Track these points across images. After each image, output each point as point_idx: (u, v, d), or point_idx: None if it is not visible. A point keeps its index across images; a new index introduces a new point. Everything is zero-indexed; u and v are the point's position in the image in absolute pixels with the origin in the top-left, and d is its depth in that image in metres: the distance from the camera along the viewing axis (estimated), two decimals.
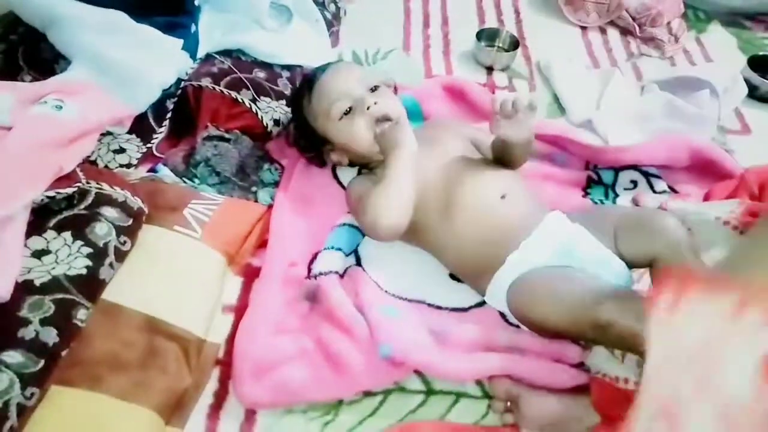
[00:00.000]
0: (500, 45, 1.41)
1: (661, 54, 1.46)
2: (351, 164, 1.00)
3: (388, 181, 0.86)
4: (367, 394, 0.79)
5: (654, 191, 1.06)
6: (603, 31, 1.52)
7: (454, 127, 1.04)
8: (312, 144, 1.00)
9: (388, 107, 0.92)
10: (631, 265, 0.82)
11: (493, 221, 0.85)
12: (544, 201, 0.92)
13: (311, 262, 0.91)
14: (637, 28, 1.49)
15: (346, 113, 0.93)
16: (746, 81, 1.29)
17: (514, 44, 1.38)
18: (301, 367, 0.78)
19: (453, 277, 0.92)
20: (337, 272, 0.89)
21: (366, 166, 1.00)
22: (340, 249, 0.92)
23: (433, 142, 0.95)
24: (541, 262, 0.82)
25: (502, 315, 0.87)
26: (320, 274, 0.88)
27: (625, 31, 1.52)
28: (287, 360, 0.78)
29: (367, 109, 0.91)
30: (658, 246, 0.79)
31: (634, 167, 1.08)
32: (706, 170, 1.07)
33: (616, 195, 1.05)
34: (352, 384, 0.78)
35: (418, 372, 0.81)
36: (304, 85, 0.99)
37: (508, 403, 0.78)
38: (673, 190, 1.06)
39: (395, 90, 1.05)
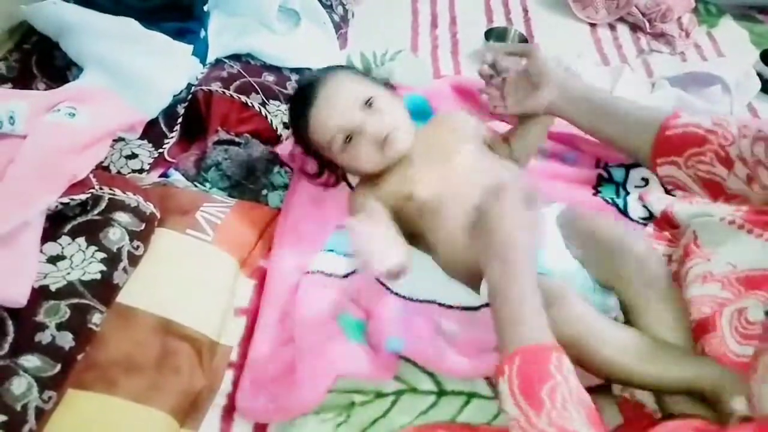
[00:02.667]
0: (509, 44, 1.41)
1: (671, 50, 1.45)
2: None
3: None
4: (379, 395, 0.79)
5: (666, 189, 1.05)
6: (612, 27, 1.51)
7: (462, 125, 0.99)
8: (324, 168, 0.98)
9: (389, 121, 0.89)
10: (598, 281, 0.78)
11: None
12: (552, 198, 0.91)
13: None
14: (647, 24, 1.48)
15: (347, 141, 0.89)
16: (759, 75, 1.27)
17: (523, 42, 1.38)
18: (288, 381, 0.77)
19: None
20: (331, 274, 0.88)
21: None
22: (333, 251, 0.92)
23: (441, 150, 0.92)
24: None
25: None
26: (308, 273, 0.88)
27: (635, 27, 1.51)
28: (288, 372, 0.78)
29: (368, 134, 0.87)
30: (622, 276, 0.74)
31: None
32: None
33: (627, 193, 1.05)
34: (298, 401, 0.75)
35: (428, 372, 0.81)
36: (298, 119, 0.93)
37: None
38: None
39: (392, 84, 1.05)
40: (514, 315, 0.62)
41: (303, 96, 0.92)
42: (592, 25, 1.51)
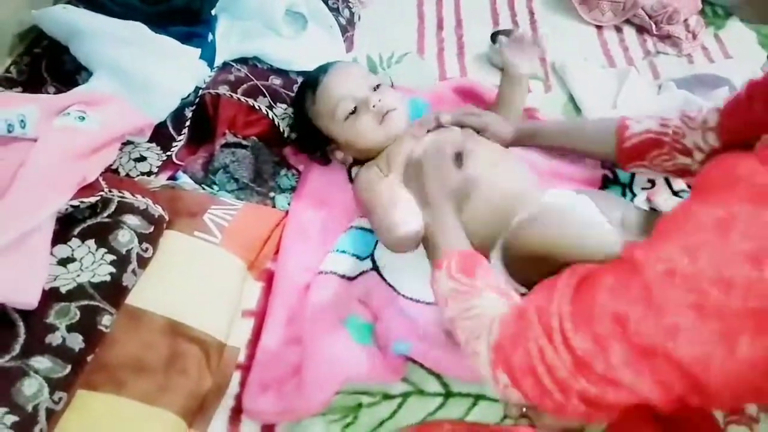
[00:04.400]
0: None
1: (678, 52, 1.44)
2: (355, 161, 1.02)
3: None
4: (386, 396, 0.80)
5: (672, 190, 1.05)
6: (619, 29, 1.51)
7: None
8: (316, 143, 1.02)
9: (391, 102, 0.96)
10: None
11: (497, 192, 0.86)
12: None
13: None
14: (654, 26, 1.47)
15: (352, 113, 0.95)
16: None
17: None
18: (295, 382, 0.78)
19: None
20: (342, 275, 0.89)
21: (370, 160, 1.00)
22: (345, 252, 0.93)
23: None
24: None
25: None
26: (320, 273, 0.89)
27: (642, 29, 1.50)
28: (295, 373, 0.79)
29: (372, 107, 0.94)
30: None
31: None
32: None
33: (634, 195, 1.05)
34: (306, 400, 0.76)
35: (435, 374, 0.81)
36: (306, 86, 1.01)
37: (524, 409, 0.78)
38: (691, 188, 1.05)
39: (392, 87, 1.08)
40: (443, 235, 0.75)
41: (315, 74, 1.01)
42: (599, 27, 1.51)
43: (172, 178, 0.99)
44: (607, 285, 0.51)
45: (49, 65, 1.06)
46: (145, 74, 0.99)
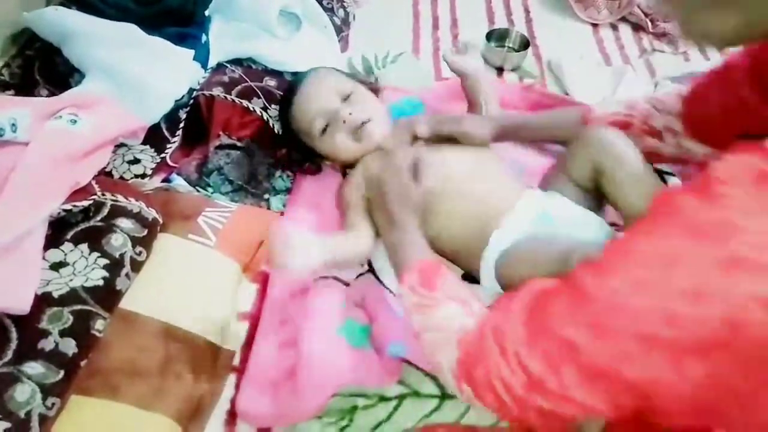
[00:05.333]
0: (510, 45, 1.40)
1: (674, 49, 1.44)
2: (345, 167, 1.02)
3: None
4: (382, 398, 0.79)
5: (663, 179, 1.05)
6: (614, 27, 1.51)
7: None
8: (305, 156, 1.02)
9: (365, 113, 0.95)
10: (586, 189, 0.86)
11: (477, 210, 0.86)
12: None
13: None
14: (650, 24, 1.47)
15: (325, 129, 0.95)
16: None
17: (525, 44, 1.37)
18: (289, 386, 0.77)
19: (465, 278, 0.92)
20: (339, 279, 0.89)
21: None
22: None
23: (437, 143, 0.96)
24: (523, 232, 0.82)
25: None
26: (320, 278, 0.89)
27: (638, 27, 1.50)
28: (289, 377, 0.78)
29: (344, 122, 0.93)
30: (596, 155, 0.82)
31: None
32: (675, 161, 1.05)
33: None
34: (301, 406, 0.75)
35: (432, 376, 0.81)
36: (284, 104, 1.02)
37: None
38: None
39: (377, 88, 1.08)
40: (408, 250, 0.78)
41: (290, 89, 1.01)
42: (594, 25, 1.50)
43: (166, 180, 0.99)
44: (557, 310, 0.53)
45: (42, 67, 1.05)
46: (138, 76, 0.98)
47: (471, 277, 0.92)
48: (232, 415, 0.78)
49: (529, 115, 1.11)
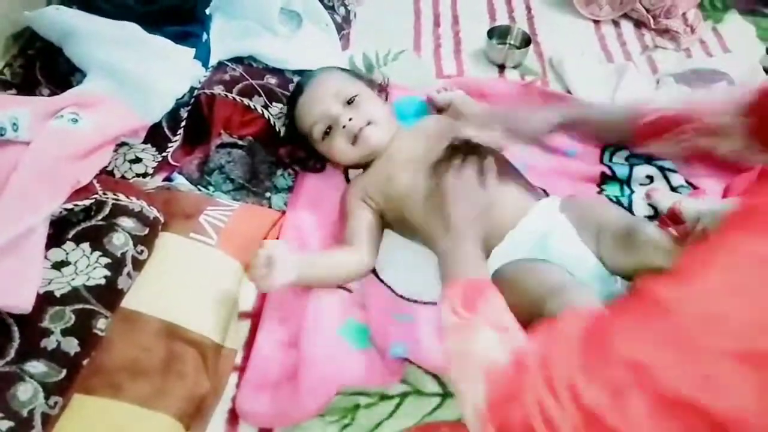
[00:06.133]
0: (512, 42, 1.40)
1: (676, 46, 1.44)
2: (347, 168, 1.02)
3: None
4: (384, 397, 0.79)
5: (671, 186, 1.04)
6: (616, 24, 1.50)
7: (445, 120, 1.03)
8: (310, 155, 1.02)
9: (366, 117, 0.94)
10: (614, 272, 0.80)
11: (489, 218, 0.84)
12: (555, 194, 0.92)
13: None
14: (652, 20, 1.47)
15: (326, 133, 0.95)
16: (765, 70, 1.26)
17: (526, 41, 1.37)
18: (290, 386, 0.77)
19: None
20: (342, 286, 0.89)
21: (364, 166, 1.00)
22: None
23: (417, 137, 0.96)
24: (521, 254, 0.81)
25: None
26: None
27: (639, 24, 1.49)
28: (290, 376, 0.78)
29: (343, 127, 0.93)
30: (642, 263, 0.75)
31: (649, 161, 1.06)
32: (724, 162, 1.05)
33: (632, 191, 1.04)
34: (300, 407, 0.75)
35: (433, 374, 0.81)
36: (289, 105, 1.02)
37: None
38: (690, 184, 1.05)
39: (386, 87, 1.07)
40: (459, 263, 0.72)
41: (296, 89, 1.02)
42: (596, 22, 1.50)
43: (168, 179, 0.99)
44: (624, 329, 0.45)
45: (43, 67, 1.06)
46: (139, 75, 0.98)
47: None
48: (234, 414, 0.78)
49: (588, 109, 1.00)
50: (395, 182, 0.91)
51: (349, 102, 0.95)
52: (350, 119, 0.93)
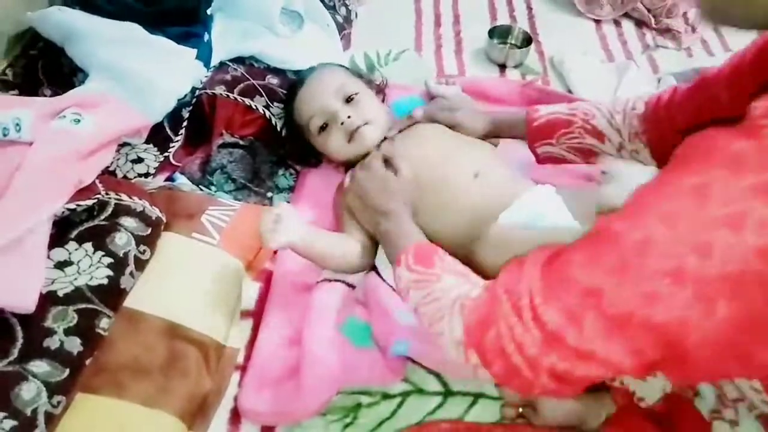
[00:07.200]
0: (513, 42, 1.40)
1: (677, 45, 1.44)
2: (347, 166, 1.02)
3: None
4: (386, 396, 0.79)
5: None
6: (617, 23, 1.50)
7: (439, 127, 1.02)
8: (306, 150, 1.02)
9: (363, 116, 0.94)
10: None
11: (468, 201, 0.86)
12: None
13: None
14: (653, 20, 1.47)
15: (323, 128, 0.95)
16: None
17: (527, 40, 1.37)
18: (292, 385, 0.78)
19: None
20: (348, 282, 0.89)
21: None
22: None
23: (412, 135, 0.97)
24: (519, 228, 0.81)
25: None
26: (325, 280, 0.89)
27: (640, 23, 1.50)
28: (292, 375, 0.79)
29: (341, 124, 0.93)
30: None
31: None
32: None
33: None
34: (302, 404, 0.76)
35: (435, 373, 0.81)
36: (288, 98, 1.02)
37: (520, 409, 0.78)
38: None
39: (384, 88, 1.08)
40: (402, 237, 0.77)
41: (296, 82, 1.03)
42: (597, 21, 1.50)
43: (170, 179, 0.99)
44: (579, 259, 0.50)
45: (45, 67, 1.06)
46: (141, 75, 0.98)
47: None
48: (236, 413, 0.78)
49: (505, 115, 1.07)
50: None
51: (349, 99, 0.95)
52: (348, 117, 0.93)
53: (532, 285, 0.53)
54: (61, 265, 0.76)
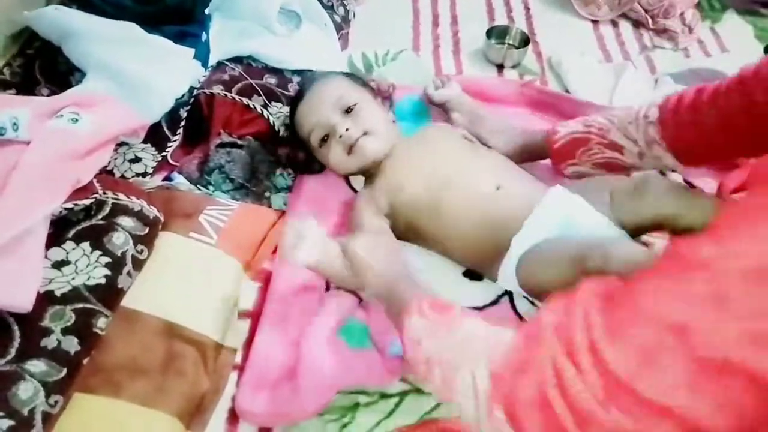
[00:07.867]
0: (510, 42, 1.40)
1: (674, 46, 1.44)
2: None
3: None
4: (384, 395, 0.79)
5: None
6: (615, 24, 1.50)
7: (447, 129, 1.04)
8: (310, 159, 1.02)
9: (361, 128, 0.94)
10: (632, 232, 0.79)
11: (492, 214, 0.86)
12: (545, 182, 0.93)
13: None
14: (650, 20, 1.47)
15: (324, 140, 0.95)
16: None
17: (525, 41, 1.37)
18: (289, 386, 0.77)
19: (466, 275, 0.92)
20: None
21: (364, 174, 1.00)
22: None
23: (425, 143, 0.97)
24: (544, 236, 0.81)
25: (517, 312, 0.87)
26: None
27: (638, 24, 1.50)
28: (289, 376, 0.78)
29: (340, 137, 0.93)
30: (656, 208, 0.75)
31: None
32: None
33: None
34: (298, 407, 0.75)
35: None
36: (291, 108, 1.02)
37: None
38: (689, 183, 1.05)
39: (391, 90, 1.08)
40: (409, 295, 0.71)
41: (298, 92, 1.02)
42: (595, 22, 1.50)
43: (167, 178, 0.99)
44: (655, 289, 0.42)
45: (43, 66, 1.06)
46: (138, 75, 0.98)
47: (471, 274, 0.92)
48: (234, 413, 0.78)
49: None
50: (403, 191, 0.92)
51: (348, 110, 0.94)
52: (347, 129, 0.93)
53: (591, 320, 0.43)
54: (58, 265, 0.76)
